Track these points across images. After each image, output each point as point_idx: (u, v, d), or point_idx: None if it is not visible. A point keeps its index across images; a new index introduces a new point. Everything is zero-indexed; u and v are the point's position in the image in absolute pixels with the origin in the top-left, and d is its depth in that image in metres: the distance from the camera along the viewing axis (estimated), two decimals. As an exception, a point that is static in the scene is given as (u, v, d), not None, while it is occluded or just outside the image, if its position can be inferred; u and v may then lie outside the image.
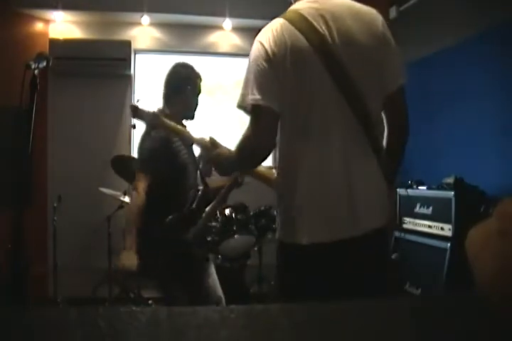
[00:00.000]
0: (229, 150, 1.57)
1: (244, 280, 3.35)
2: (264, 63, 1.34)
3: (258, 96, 1.32)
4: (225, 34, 4.47)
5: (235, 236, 3.11)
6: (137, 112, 1.95)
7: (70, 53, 3.99)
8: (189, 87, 2.38)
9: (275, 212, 3.36)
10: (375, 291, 1.34)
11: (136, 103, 2.18)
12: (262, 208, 3.41)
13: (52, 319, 0.65)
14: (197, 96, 2.43)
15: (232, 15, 4.22)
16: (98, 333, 0.59)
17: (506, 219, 0.66)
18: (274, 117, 1.36)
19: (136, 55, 4.44)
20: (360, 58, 1.35)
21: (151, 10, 4.12)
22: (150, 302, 3.56)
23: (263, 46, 1.35)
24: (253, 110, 1.36)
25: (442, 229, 3.03)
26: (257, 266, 3.69)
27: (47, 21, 4.25)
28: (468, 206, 2.92)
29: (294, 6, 1.42)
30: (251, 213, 3.30)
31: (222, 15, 4.21)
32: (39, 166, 3.99)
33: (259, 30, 1.41)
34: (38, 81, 1.52)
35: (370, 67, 1.37)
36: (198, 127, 2.78)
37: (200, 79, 2.45)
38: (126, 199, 3.64)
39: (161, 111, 2.31)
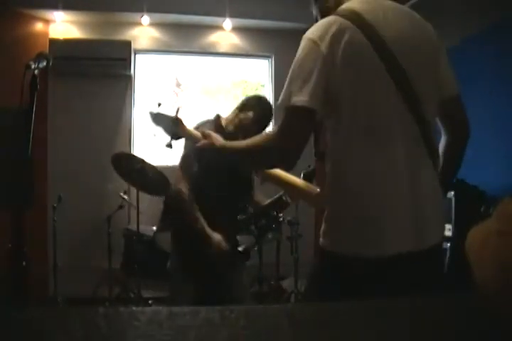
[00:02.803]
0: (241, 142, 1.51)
1: (244, 280, 3.34)
2: (316, 61, 1.23)
3: (305, 98, 1.23)
4: (225, 34, 4.47)
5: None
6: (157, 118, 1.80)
7: (70, 53, 3.99)
8: None
9: (275, 215, 3.26)
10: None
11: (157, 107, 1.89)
12: (262, 208, 3.40)
13: (52, 319, 0.65)
14: None
15: (232, 15, 4.21)
16: (98, 333, 0.59)
17: (506, 219, 0.66)
18: (314, 122, 1.27)
19: (136, 55, 4.44)
20: (417, 61, 1.29)
21: (151, 10, 4.12)
22: (150, 302, 3.56)
23: (315, 43, 1.24)
24: (296, 111, 1.25)
25: (442, 229, 3.03)
26: (257, 266, 3.68)
27: (47, 21, 4.25)
28: (468, 206, 2.92)
29: (347, 5, 1.33)
30: (251, 213, 3.29)
31: (222, 15, 4.20)
32: (39, 166, 3.99)
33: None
34: (38, 81, 1.52)
35: (426, 70, 1.32)
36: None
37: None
38: (127, 198, 3.66)
39: None
